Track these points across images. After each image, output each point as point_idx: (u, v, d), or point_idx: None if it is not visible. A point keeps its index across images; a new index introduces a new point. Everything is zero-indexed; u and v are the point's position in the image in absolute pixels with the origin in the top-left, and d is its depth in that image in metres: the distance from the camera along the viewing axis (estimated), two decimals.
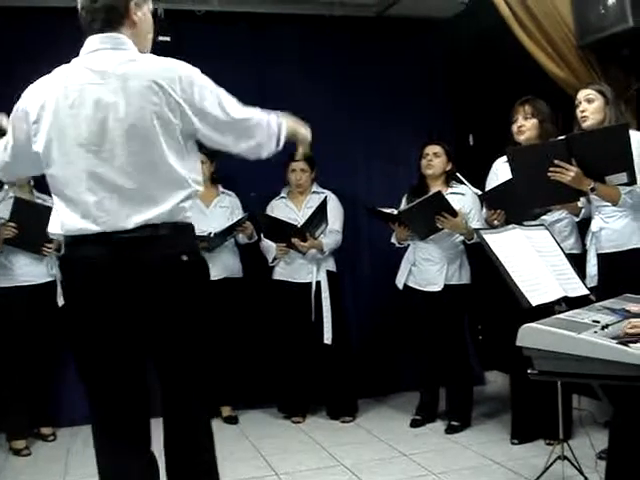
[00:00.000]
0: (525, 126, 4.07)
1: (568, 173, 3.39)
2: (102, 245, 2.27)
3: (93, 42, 2.35)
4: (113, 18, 2.35)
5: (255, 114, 2.48)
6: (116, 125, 2.25)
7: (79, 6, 2.37)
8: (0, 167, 2.53)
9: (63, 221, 2.33)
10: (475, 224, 4.42)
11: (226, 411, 4.99)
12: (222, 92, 2.40)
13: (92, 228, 2.28)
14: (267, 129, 2.51)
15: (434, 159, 4.62)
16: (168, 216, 2.31)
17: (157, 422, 2.45)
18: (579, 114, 3.71)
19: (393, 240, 4.76)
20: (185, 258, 2.33)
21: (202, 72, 2.39)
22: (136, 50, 2.38)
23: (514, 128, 4.11)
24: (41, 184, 4.74)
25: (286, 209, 4.96)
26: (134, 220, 2.27)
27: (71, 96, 2.28)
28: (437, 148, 4.65)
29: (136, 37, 2.41)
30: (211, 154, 4.48)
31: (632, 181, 3.39)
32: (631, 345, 2.27)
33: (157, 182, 2.30)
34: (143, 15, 2.43)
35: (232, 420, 4.93)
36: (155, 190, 2.30)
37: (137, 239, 2.27)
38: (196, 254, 2.45)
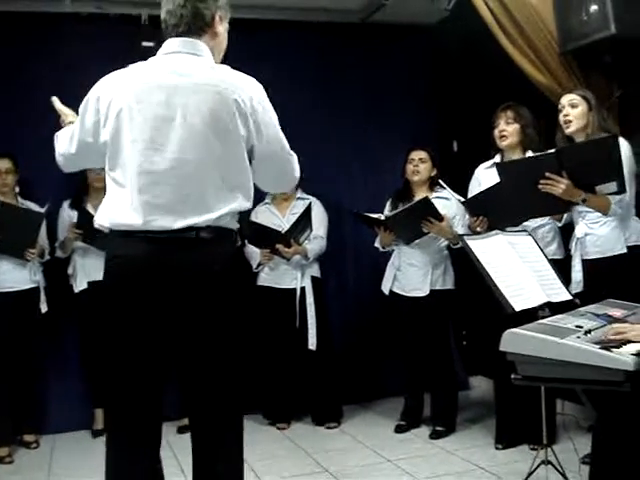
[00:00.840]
0: (507, 131, 4.10)
1: (559, 185, 3.40)
2: (147, 242, 2.29)
3: (173, 44, 2.40)
4: (198, 25, 2.43)
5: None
6: (184, 129, 2.29)
7: (164, 8, 2.43)
8: (65, 158, 2.56)
9: (111, 213, 2.35)
10: (459, 229, 4.44)
11: None
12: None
13: (138, 224, 2.29)
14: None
15: (420, 164, 4.64)
16: (214, 222, 2.34)
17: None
18: (562, 119, 3.73)
19: (377, 244, 4.77)
20: (218, 267, 2.36)
21: None
22: (212, 60, 2.46)
23: (496, 133, 4.13)
24: (26, 191, 4.77)
25: (270, 215, 4.96)
26: (181, 223, 2.29)
27: (146, 93, 2.31)
28: (423, 154, 4.66)
29: (214, 48, 2.52)
30: None
31: (621, 190, 3.41)
32: (614, 350, 2.28)
33: (214, 190, 2.33)
34: (224, 29, 2.57)
35: None
36: (210, 198, 2.33)
37: (180, 240, 2.30)
38: (233, 262, 2.48)
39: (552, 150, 3.58)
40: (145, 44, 4.83)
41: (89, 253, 4.71)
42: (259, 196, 4.98)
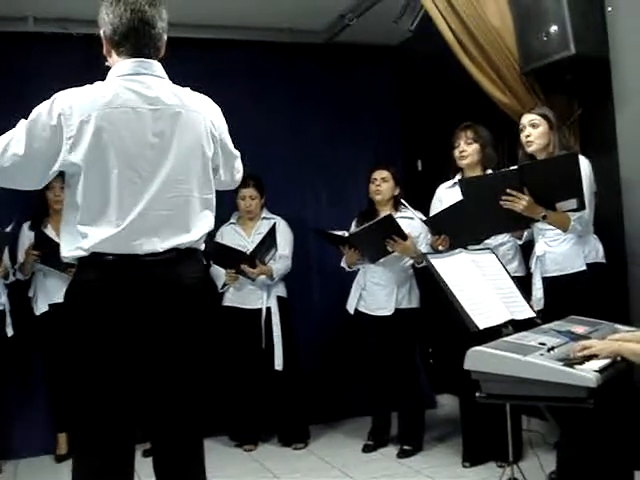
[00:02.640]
0: (467, 151, 4.15)
1: (520, 202, 3.43)
2: (129, 266, 2.28)
3: (136, 65, 2.36)
4: (161, 47, 2.43)
5: None
6: (163, 152, 2.31)
7: (126, 26, 2.34)
8: None
9: (90, 238, 2.28)
10: (423, 248, 4.46)
11: None
12: None
13: (122, 249, 2.28)
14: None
15: (382, 184, 4.66)
16: (195, 243, 2.40)
17: None
18: (524, 139, 3.77)
19: (343, 264, 4.76)
20: (188, 282, 2.38)
21: None
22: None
23: (456, 153, 4.18)
24: None
25: (235, 235, 4.94)
26: (165, 245, 2.31)
27: (118, 117, 2.27)
28: (385, 173, 4.68)
29: None
30: None
31: (581, 207, 3.45)
32: (577, 367, 2.30)
33: (195, 212, 2.38)
34: None
35: None
36: (191, 219, 2.37)
37: (162, 262, 2.31)
38: (202, 280, 2.51)
39: (514, 167, 3.61)
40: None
41: (50, 275, 4.65)
42: (225, 216, 4.97)
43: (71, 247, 2.34)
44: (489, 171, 4.13)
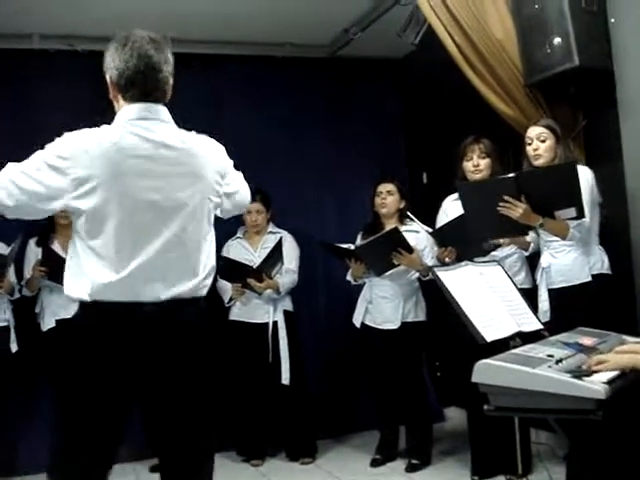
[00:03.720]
0: (481, 165, 4.12)
1: (517, 209, 3.44)
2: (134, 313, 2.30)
3: (142, 110, 2.37)
4: (167, 91, 2.44)
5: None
6: (168, 197, 2.33)
7: (132, 70, 2.35)
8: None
9: (94, 286, 2.29)
10: (429, 261, 4.45)
11: None
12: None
13: (126, 298, 2.29)
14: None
15: (388, 197, 4.66)
16: (200, 290, 2.43)
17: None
18: (531, 152, 3.77)
19: (349, 277, 4.75)
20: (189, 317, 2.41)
21: None
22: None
23: (468, 166, 4.15)
24: None
25: (242, 249, 4.95)
26: (170, 293, 2.33)
27: (125, 162, 2.28)
28: (390, 186, 4.68)
29: None
30: None
31: (580, 215, 3.45)
32: (585, 379, 2.28)
33: (201, 260, 2.42)
34: None
35: None
36: (198, 266, 2.41)
37: (167, 309, 2.33)
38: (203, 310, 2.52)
39: (511, 174, 3.62)
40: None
41: (56, 291, 4.64)
42: (232, 230, 4.98)
43: (75, 287, 2.36)
44: None
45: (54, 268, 4.38)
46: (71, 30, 4.88)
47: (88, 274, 2.30)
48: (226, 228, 5.01)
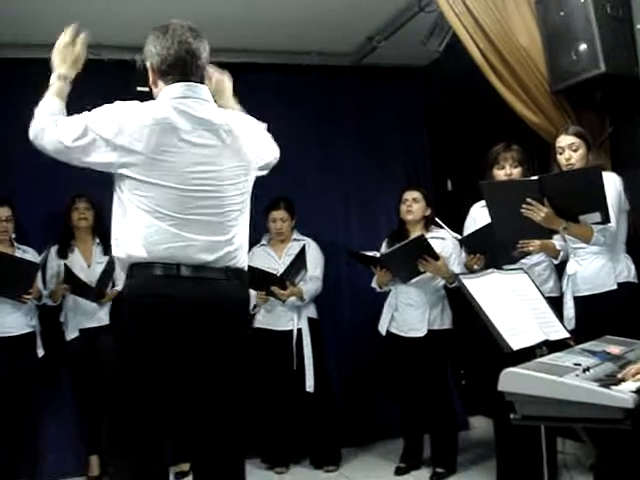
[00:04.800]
0: (514, 174, 4.06)
1: (539, 212, 3.42)
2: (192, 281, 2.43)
3: (186, 89, 2.49)
4: (204, 77, 2.61)
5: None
6: (212, 168, 2.47)
7: (173, 57, 2.49)
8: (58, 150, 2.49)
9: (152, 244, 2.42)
10: (455, 268, 4.44)
11: None
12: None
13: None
14: None
15: (413, 204, 4.65)
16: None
17: None
18: (563, 161, 3.72)
19: (374, 284, 4.75)
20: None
21: None
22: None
23: (500, 175, 4.08)
24: (21, 235, 4.77)
25: (267, 257, 4.96)
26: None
27: (170, 134, 2.40)
28: (416, 193, 4.68)
29: None
30: None
31: (605, 220, 3.42)
32: (613, 387, 2.27)
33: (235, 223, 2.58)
34: None
35: None
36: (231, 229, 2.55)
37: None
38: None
39: (535, 177, 3.60)
40: (140, 89, 4.86)
41: (80, 301, 4.69)
42: (256, 238, 5.00)
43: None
44: None
45: (76, 284, 4.47)
46: (97, 40, 4.91)
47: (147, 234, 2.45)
48: (251, 236, 5.05)
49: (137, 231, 2.41)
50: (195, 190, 2.43)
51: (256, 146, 2.66)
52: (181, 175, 2.40)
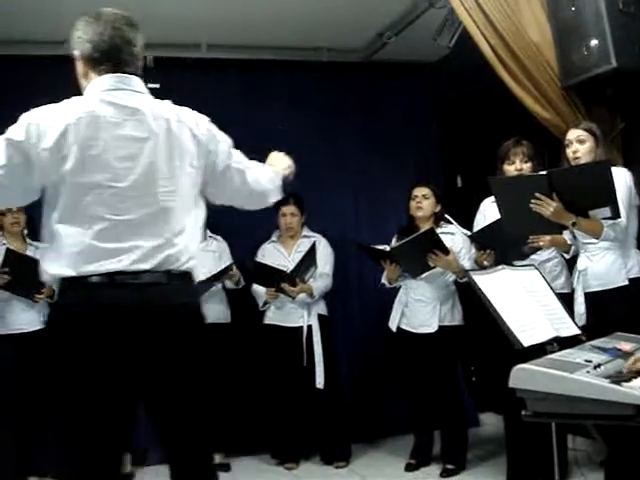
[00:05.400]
0: (524, 170, 4.05)
1: (548, 207, 3.42)
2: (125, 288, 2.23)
3: (116, 81, 2.31)
4: (139, 67, 2.40)
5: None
6: (141, 161, 2.26)
7: (107, 43, 2.31)
8: None
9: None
10: (465, 263, 4.43)
11: (218, 458, 4.90)
12: None
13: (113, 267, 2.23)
14: None
15: (423, 201, 4.64)
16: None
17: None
18: (571, 154, 3.72)
19: (383, 280, 4.74)
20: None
21: None
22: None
23: (510, 170, 4.07)
24: (32, 230, 4.78)
25: (276, 253, 4.97)
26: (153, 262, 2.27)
27: (97, 128, 2.22)
28: (426, 190, 4.67)
29: None
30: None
31: (615, 215, 3.41)
32: (624, 384, 2.26)
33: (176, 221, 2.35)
34: None
35: (224, 467, 4.85)
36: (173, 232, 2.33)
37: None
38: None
39: (543, 172, 3.59)
40: (150, 86, 4.87)
41: None
42: (266, 234, 5.01)
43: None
44: None
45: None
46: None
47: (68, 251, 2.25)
48: (260, 232, 5.06)
49: (64, 249, 2.23)
50: (128, 187, 2.24)
51: (199, 137, 2.41)
52: (113, 171, 2.22)
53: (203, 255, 4.85)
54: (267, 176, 2.68)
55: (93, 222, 2.22)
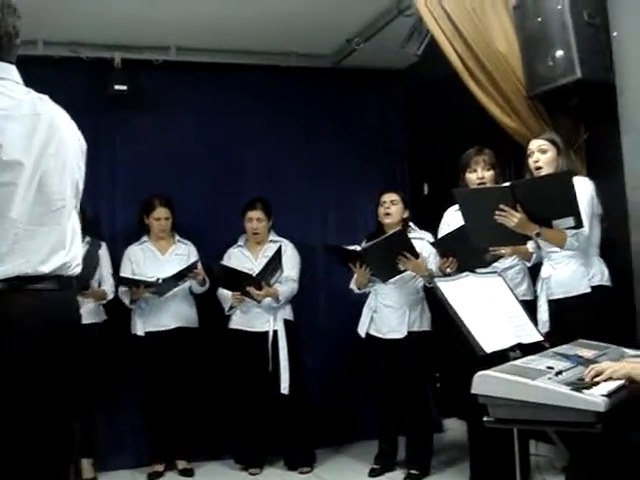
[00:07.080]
0: (485, 177, 4.10)
1: (512, 218, 3.45)
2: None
3: (3, 70, 2.20)
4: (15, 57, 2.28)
5: None
6: (37, 159, 2.12)
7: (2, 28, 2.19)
8: None
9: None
10: (434, 268, 4.43)
11: (181, 464, 4.90)
12: None
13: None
14: None
15: (392, 207, 4.66)
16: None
17: None
18: (532, 164, 3.78)
19: (352, 286, 4.74)
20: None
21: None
22: None
23: (472, 178, 4.13)
24: None
25: (243, 258, 4.95)
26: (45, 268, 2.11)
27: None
28: (394, 196, 4.69)
29: None
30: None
31: (578, 225, 3.46)
32: (585, 391, 2.28)
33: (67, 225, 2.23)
34: None
35: (188, 473, 4.84)
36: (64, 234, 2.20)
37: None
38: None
39: (507, 183, 3.63)
40: (118, 87, 4.86)
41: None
42: (233, 238, 5.00)
43: None
44: None
45: None
46: (75, 37, 4.89)
47: None
48: (227, 236, 5.05)
49: None
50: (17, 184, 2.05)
51: (74, 134, 2.31)
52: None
53: (172, 259, 4.87)
54: None
55: None
